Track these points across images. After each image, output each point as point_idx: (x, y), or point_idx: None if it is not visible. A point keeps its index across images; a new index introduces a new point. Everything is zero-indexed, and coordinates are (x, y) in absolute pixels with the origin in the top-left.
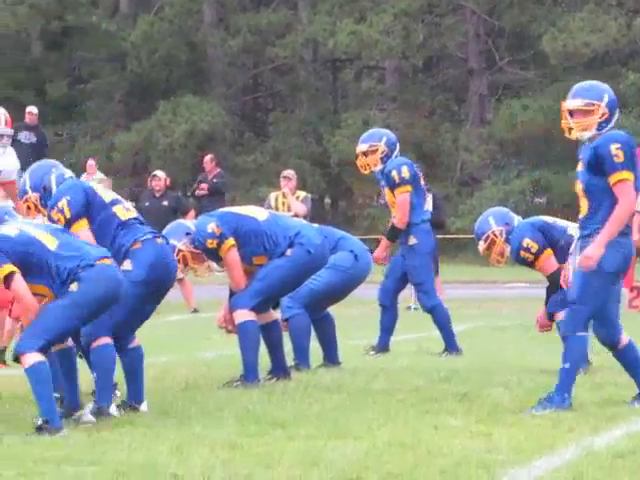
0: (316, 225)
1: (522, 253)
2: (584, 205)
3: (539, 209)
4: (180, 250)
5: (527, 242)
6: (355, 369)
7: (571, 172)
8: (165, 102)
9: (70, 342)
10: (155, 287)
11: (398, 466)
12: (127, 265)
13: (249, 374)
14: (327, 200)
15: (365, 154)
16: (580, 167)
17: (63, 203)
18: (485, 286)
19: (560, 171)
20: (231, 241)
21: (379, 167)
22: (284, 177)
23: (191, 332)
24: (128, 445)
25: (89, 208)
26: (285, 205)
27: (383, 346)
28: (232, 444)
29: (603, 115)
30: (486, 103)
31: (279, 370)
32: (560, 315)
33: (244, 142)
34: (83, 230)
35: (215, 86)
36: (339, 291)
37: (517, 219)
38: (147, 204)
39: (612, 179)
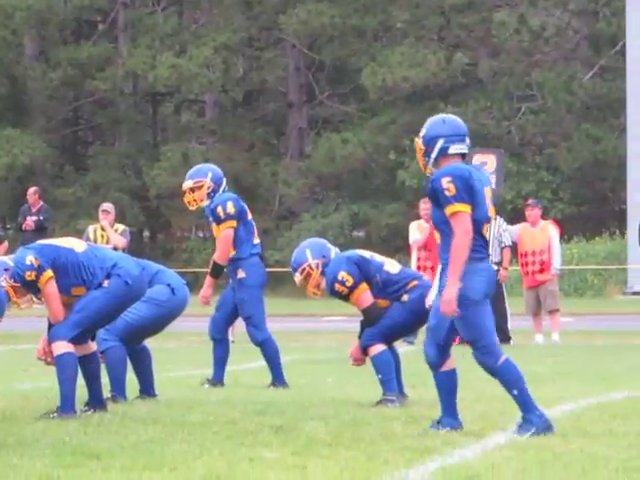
0: (134, 258)
1: (337, 286)
2: (437, 237)
3: (358, 242)
4: (1, 286)
5: (342, 275)
6: (171, 401)
7: (388, 206)
8: None
9: None
10: None
11: None
12: None
13: (65, 405)
14: (146, 233)
15: (192, 190)
16: None
17: None
18: (303, 319)
19: (378, 205)
20: (49, 273)
21: (206, 202)
22: (103, 210)
23: (7, 364)
24: None
25: None
26: (104, 238)
27: (218, 379)
28: (48, 475)
29: (420, 150)
30: (305, 137)
31: (96, 401)
32: (374, 349)
33: (64, 175)
34: None
35: (35, 119)
36: (155, 324)
37: (334, 251)
38: None
39: (447, 212)
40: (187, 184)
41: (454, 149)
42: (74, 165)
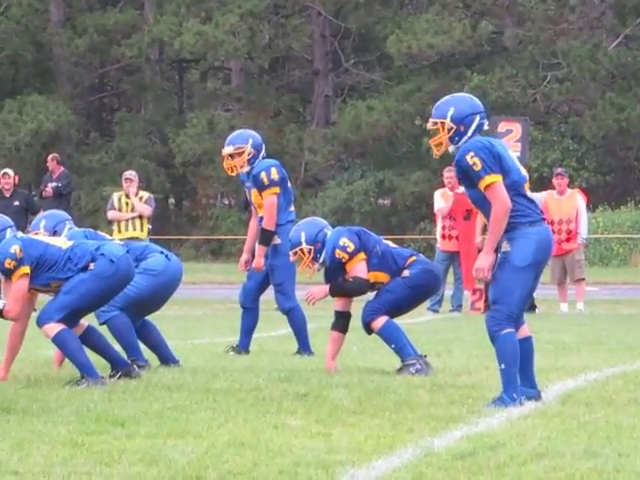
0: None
1: (338, 252)
2: (480, 216)
3: (383, 210)
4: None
5: (344, 241)
6: (195, 368)
7: (414, 173)
8: (11, 101)
9: None
10: None
11: (238, 465)
12: None
13: (87, 372)
14: (171, 200)
15: (232, 156)
16: None
17: None
18: None
19: (404, 172)
20: (26, 269)
21: (246, 169)
22: (126, 179)
23: (32, 331)
24: None
25: None
26: (129, 205)
27: (244, 347)
28: (73, 442)
29: (451, 130)
30: (331, 104)
31: (119, 364)
32: (377, 322)
33: (89, 141)
34: None
35: (61, 85)
36: (155, 295)
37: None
38: None
39: (481, 187)
40: (227, 150)
41: (487, 125)
42: (100, 132)
